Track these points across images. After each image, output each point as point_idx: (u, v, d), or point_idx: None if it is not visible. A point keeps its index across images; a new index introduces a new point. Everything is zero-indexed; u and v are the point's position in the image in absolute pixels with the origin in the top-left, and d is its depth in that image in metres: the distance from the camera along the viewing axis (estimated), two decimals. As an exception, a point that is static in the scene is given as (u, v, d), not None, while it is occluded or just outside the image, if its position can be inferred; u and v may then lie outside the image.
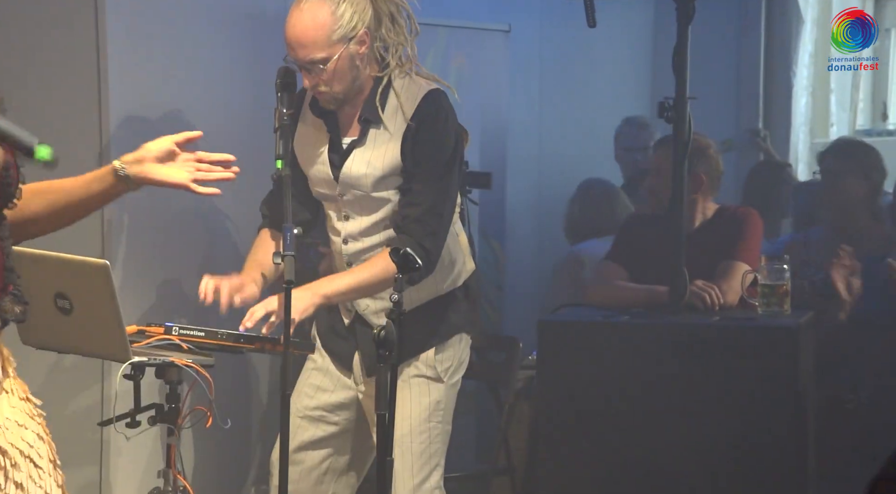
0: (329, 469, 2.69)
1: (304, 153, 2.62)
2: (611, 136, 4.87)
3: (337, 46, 2.46)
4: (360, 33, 2.48)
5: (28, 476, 1.95)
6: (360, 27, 2.48)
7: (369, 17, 2.49)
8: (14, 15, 3.24)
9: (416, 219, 2.51)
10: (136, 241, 3.36)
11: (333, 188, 2.59)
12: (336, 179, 2.57)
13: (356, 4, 2.48)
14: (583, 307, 3.44)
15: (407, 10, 2.55)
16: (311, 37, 2.46)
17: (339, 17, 2.46)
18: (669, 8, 3.18)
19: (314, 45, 2.46)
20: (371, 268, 2.53)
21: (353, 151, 2.56)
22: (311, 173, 2.62)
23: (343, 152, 2.57)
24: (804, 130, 5.49)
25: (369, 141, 2.54)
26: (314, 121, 2.60)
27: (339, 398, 2.68)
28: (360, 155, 2.55)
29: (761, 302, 3.17)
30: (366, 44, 2.50)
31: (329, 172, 2.58)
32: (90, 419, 3.02)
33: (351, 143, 2.57)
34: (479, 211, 4.45)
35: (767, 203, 4.42)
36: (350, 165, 2.55)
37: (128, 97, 3.27)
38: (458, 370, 2.67)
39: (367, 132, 2.54)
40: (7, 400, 1.97)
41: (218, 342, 2.54)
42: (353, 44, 2.48)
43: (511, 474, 3.85)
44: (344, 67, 2.48)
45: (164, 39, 3.38)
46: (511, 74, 4.71)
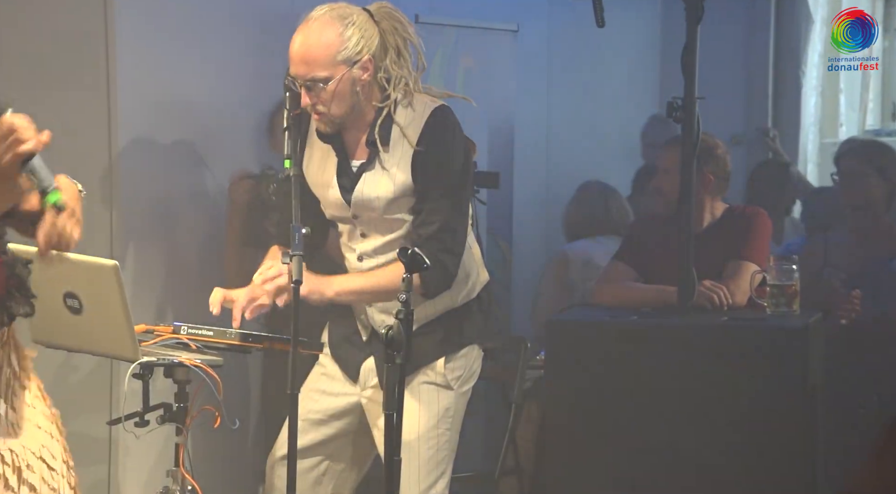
0: (327, 470, 2.70)
1: (314, 176, 2.62)
2: (618, 135, 4.87)
3: (340, 68, 2.46)
4: (364, 59, 2.48)
5: (41, 479, 1.96)
6: (365, 53, 2.48)
7: (375, 46, 2.49)
8: (24, 14, 3.25)
9: (431, 237, 2.51)
10: (146, 241, 3.37)
11: (346, 211, 2.60)
12: (349, 203, 2.58)
13: (364, 31, 2.48)
14: (591, 307, 3.44)
15: (415, 45, 2.55)
16: (315, 55, 2.46)
17: (345, 39, 2.46)
18: (678, 8, 3.18)
19: (317, 64, 2.46)
20: (384, 274, 2.54)
21: (364, 174, 2.56)
22: (324, 196, 2.62)
23: (353, 176, 2.57)
24: (813, 131, 5.48)
25: (378, 164, 2.55)
26: (322, 145, 2.60)
27: (342, 404, 2.68)
28: (371, 178, 2.55)
29: (770, 302, 3.16)
30: (369, 71, 2.49)
31: (340, 197, 2.58)
32: (99, 418, 3.03)
33: (360, 166, 2.57)
34: (487, 211, 4.46)
35: (772, 203, 4.42)
36: (361, 188, 2.56)
37: (136, 94, 3.27)
38: (469, 380, 2.68)
39: (376, 155, 2.54)
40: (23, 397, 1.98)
41: (226, 341, 2.55)
42: (356, 68, 2.48)
43: (519, 474, 3.85)
44: (344, 90, 2.48)
45: (172, 38, 3.38)
46: (519, 74, 4.71)
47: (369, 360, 2.66)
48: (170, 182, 3.44)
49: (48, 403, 2.04)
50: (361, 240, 2.61)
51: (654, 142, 4.65)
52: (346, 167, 2.58)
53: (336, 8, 2.50)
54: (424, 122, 2.52)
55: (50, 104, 3.20)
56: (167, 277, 3.42)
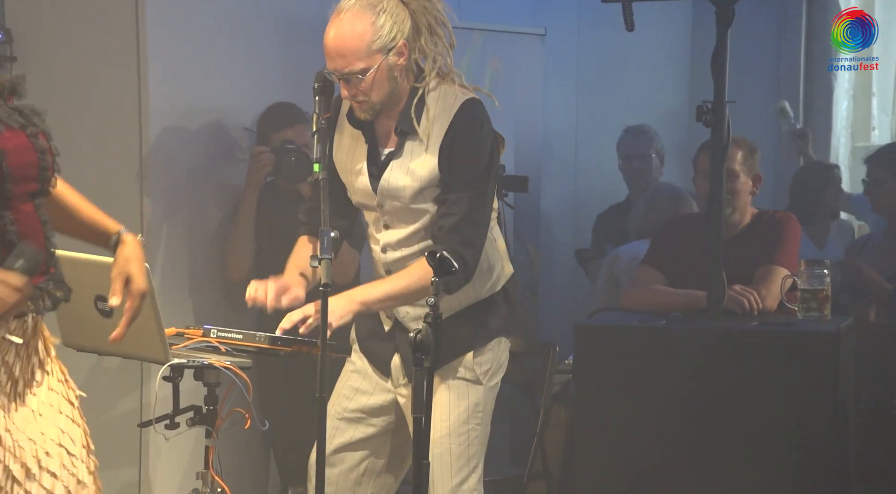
0: (367, 470, 2.69)
1: (343, 163, 2.63)
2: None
3: (376, 57, 2.47)
4: (399, 44, 2.48)
5: (60, 465, 1.98)
6: (399, 38, 2.48)
7: (408, 29, 2.50)
8: (55, 20, 3.28)
9: (452, 228, 2.51)
10: (175, 244, 3.39)
11: (372, 199, 2.60)
12: (375, 190, 2.58)
13: (395, 16, 2.48)
14: (619, 312, 3.42)
15: (444, 23, 2.55)
16: (350, 47, 2.46)
17: (378, 27, 2.46)
18: (708, 11, 3.16)
19: (353, 56, 2.46)
20: (409, 276, 2.54)
21: (392, 162, 2.56)
22: (350, 183, 2.63)
23: (381, 164, 2.58)
24: (845, 134, 5.43)
25: (406, 152, 2.55)
26: (352, 131, 2.61)
27: (377, 401, 2.68)
28: (399, 166, 2.55)
29: (801, 307, 3.14)
30: (404, 55, 2.50)
31: (367, 183, 2.59)
32: (130, 420, 3.05)
33: (389, 154, 2.57)
34: (515, 215, 4.45)
35: (815, 207, 4.37)
36: (388, 176, 2.56)
37: (167, 101, 3.30)
38: (497, 373, 2.67)
39: (405, 144, 2.55)
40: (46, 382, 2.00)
41: (256, 344, 2.56)
42: (392, 55, 2.48)
43: (547, 478, 3.84)
44: (382, 78, 2.48)
45: (202, 45, 3.41)
46: (547, 78, 4.70)
47: (396, 357, 2.66)
48: (200, 185, 3.46)
49: (71, 386, 2.06)
50: (385, 231, 2.61)
51: (629, 154, 4.60)
52: (376, 155, 2.58)
53: None
54: (454, 113, 2.52)
55: (83, 106, 3.23)
56: (197, 280, 3.44)
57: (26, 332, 1.98)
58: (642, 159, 4.58)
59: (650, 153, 4.58)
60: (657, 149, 4.62)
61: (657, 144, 4.63)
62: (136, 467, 3.25)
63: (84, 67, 3.24)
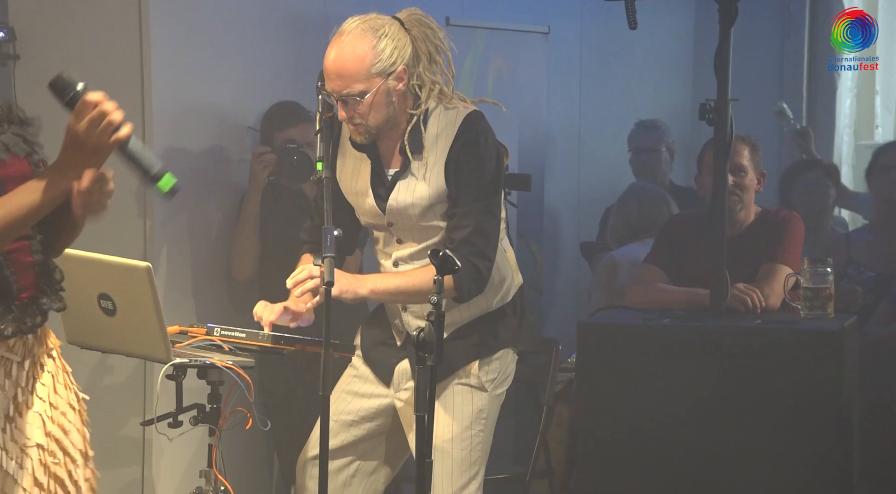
0: (357, 471, 2.70)
1: (348, 185, 2.63)
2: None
3: (375, 80, 2.47)
4: (399, 70, 2.49)
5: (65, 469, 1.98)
6: (399, 64, 2.49)
7: (409, 55, 2.50)
8: (58, 19, 3.29)
9: (464, 241, 2.52)
10: (178, 243, 3.39)
11: (382, 219, 2.61)
12: (383, 212, 2.59)
13: (397, 41, 2.49)
14: (623, 310, 3.42)
15: (445, 51, 2.56)
16: (350, 69, 2.46)
17: (379, 51, 2.47)
18: (711, 9, 3.16)
19: (352, 78, 2.47)
20: (422, 274, 2.54)
21: (398, 182, 2.57)
22: (358, 205, 2.63)
23: (388, 184, 2.58)
24: (848, 133, 5.42)
25: (412, 171, 2.56)
26: (355, 154, 2.61)
27: (374, 405, 2.69)
28: (406, 186, 2.56)
29: (804, 305, 3.13)
30: (403, 80, 2.50)
31: (375, 205, 2.60)
32: (133, 418, 3.05)
33: (395, 174, 2.58)
34: (518, 213, 4.44)
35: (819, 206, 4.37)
36: (396, 196, 2.57)
37: (170, 100, 3.30)
38: (503, 384, 2.68)
39: (410, 163, 2.55)
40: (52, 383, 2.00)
41: (259, 343, 2.56)
42: (391, 79, 2.49)
43: (550, 477, 3.83)
44: (380, 102, 2.49)
45: (205, 43, 3.41)
46: (550, 76, 4.70)
47: (403, 362, 2.66)
48: (203, 184, 3.47)
49: (74, 389, 2.07)
50: (398, 246, 2.62)
51: (637, 146, 4.62)
52: (381, 176, 2.59)
53: (368, 20, 2.50)
54: (457, 128, 2.53)
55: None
56: (200, 278, 3.44)
57: (27, 347, 1.97)
58: (651, 153, 4.59)
59: (660, 147, 4.60)
60: (668, 144, 4.64)
61: (668, 139, 4.64)
62: (139, 465, 3.25)
63: (87, 65, 3.24)
